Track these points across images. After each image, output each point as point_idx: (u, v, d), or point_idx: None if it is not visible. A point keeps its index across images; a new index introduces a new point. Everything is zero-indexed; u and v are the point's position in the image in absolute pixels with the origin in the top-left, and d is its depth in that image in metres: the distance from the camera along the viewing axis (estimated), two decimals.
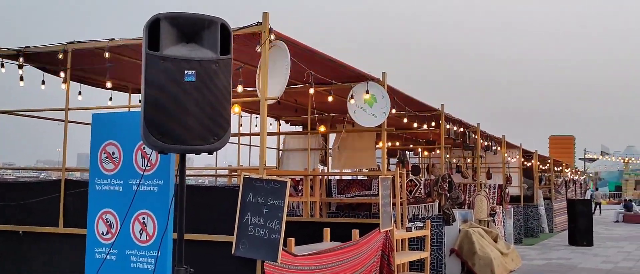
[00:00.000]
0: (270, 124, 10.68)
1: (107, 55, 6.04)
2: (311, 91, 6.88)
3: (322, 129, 9.76)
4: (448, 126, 11.38)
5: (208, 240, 5.31)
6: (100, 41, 6.16)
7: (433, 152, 15.80)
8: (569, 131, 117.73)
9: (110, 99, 8.49)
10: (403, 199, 9.41)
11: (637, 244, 17.05)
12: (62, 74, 6.62)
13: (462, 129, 12.31)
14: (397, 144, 14.67)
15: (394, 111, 9.10)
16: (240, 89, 5.77)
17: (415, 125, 10.99)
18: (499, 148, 15.52)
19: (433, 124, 11.23)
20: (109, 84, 7.06)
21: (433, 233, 9.87)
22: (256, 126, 9.97)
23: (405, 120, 10.12)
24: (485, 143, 14.33)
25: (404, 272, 9.39)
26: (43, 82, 7.17)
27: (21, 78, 6.64)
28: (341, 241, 6.79)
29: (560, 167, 27.57)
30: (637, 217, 26.38)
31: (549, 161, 23.67)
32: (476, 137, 13.17)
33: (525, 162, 19.88)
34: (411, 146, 15.39)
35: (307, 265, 5.60)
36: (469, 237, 11.00)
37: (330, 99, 7.57)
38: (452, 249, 10.95)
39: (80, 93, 7.72)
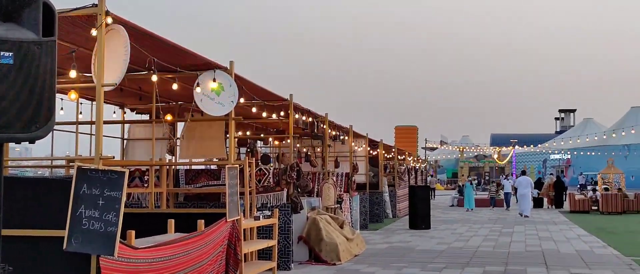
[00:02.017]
0: (114, 113, 10.18)
1: None
2: (154, 78, 6.66)
3: (168, 117, 9.48)
4: (297, 116, 11.60)
5: (37, 236, 4.94)
6: None
7: (283, 142, 16.00)
8: (413, 122, 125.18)
9: None
10: (252, 188, 9.44)
11: (468, 226, 18.57)
12: None
13: (311, 119, 12.60)
14: (248, 133, 14.68)
15: (242, 100, 9.09)
16: (74, 74, 5.42)
17: (264, 114, 11.06)
18: (346, 138, 16.10)
19: (282, 113, 11.37)
20: None
21: (281, 221, 10.02)
22: None
23: (254, 109, 10.14)
24: (334, 133, 14.81)
25: (252, 260, 9.44)
26: None
27: None
28: (188, 231, 6.67)
29: (404, 156, 29.18)
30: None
31: (394, 150, 24.97)
32: (325, 127, 13.54)
33: (371, 151, 20.81)
34: (262, 135, 15.47)
35: (148, 258, 5.42)
36: (316, 224, 11.32)
37: (175, 86, 7.38)
38: (300, 236, 11.20)
39: None
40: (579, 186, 42.67)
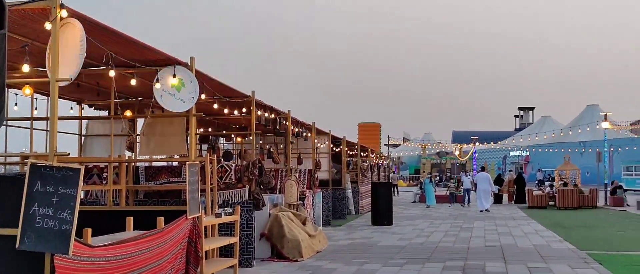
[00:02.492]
0: (71, 108, 9.97)
1: None
2: (111, 73, 6.53)
3: (128, 113, 9.33)
4: (259, 113, 11.54)
5: None
6: None
7: (246, 139, 15.92)
8: (376, 119, 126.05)
9: None
10: (213, 185, 9.37)
11: (429, 222, 18.80)
12: None
13: (273, 116, 12.56)
14: (210, 130, 14.55)
15: (203, 96, 9.00)
16: (27, 68, 5.28)
17: (226, 111, 10.97)
18: (309, 134, 16.11)
19: (244, 110, 11.29)
20: None
21: (243, 218, 9.97)
22: None
23: (215, 106, 10.05)
24: (296, 129, 14.79)
25: (214, 258, 9.37)
26: None
27: None
28: (148, 229, 6.57)
29: (367, 153, 29.36)
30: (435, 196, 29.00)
31: (356, 146, 25.10)
32: (287, 123, 13.51)
33: (334, 148, 20.88)
34: (224, 132, 15.36)
35: (105, 256, 5.33)
36: (279, 221, 11.30)
37: (133, 82, 7.25)
38: (262, 233, 11.17)
39: None
40: (537, 181, 43.57)
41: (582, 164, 35.58)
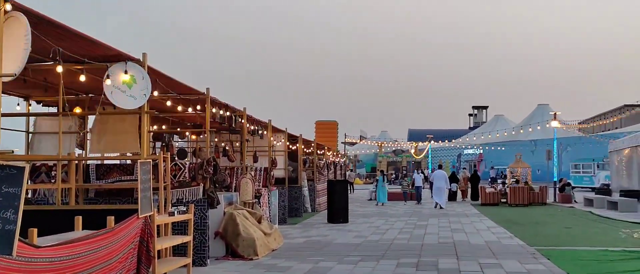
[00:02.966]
0: (18, 105, 9.66)
1: None
2: (59, 68, 6.36)
3: (77, 110, 9.11)
4: (214, 110, 11.44)
5: None
6: None
7: (201, 136, 15.75)
8: (334, 117, 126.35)
9: None
10: (167, 183, 9.23)
11: (385, 219, 18.97)
12: None
13: (228, 114, 12.46)
14: (164, 127, 14.34)
15: (156, 93, 8.87)
16: None
17: (180, 108, 10.83)
18: (265, 132, 16.04)
19: (199, 107, 11.17)
20: None
21: (197, 216, 9.86)
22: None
23: (169, 103, 9.91)
24: (252, 127, 14.71)
25: (167, 257, 9.23)
26: None
27: None
28: (98, 229, 6.43)
29: (323, 151, 29.42)
30: (389, 194, 29.25)
31: (313, 144, 25.12)
32: (243, 121, 13.42)
33: (291, 146, 20.85)
34: (178, 129, 15.16)
35: (52, 257, 5.18)
36: (234, 219, 11.23)
37: (83, 78, 7.08)
38: (216, 231, 11.07)
39: None
40: (490, 179, 44.50)
41: (533, 162, 36.45)
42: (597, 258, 10.37)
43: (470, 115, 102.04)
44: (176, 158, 11.33)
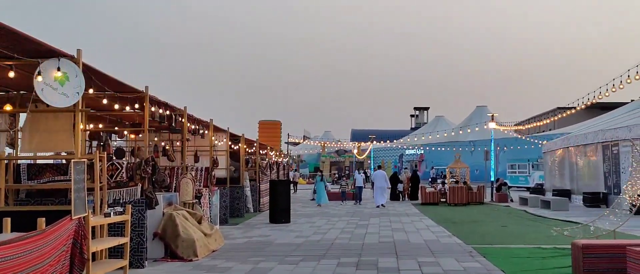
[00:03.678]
0: None
1: None
2: None
3: (7, 107, 8.75)
4: (153, 109, 11.21)
5: None
6: None
7: (140, 135, 15.41)
8: (277, 117, 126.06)
9: None
10: (103, 183, 8.99)
11: (326, 219, 19.05)
12: None
13: (168, 112, 12.23)
14: (101, 126, 13.94)
15: (91, 91, 8.62)
16: None
17: (116, 107, 10.55)
18: (206, 132, 15.84)
19: (137, 106, 10.93)
20: None
21: (135, 217, 9.65)
22: None
23: (105, 101, 9.64)
24: (193, 126, 14.49)
25: (102, 259, 9.01)
26: None
27: None
28: (29, 231, 6.18)
29: (266, 150, 29.31)
30: (329, 194, 29.40)
31: (256, 144, 24.99)
32: (183, 120, 13.21)
33: (233, 146, 20.67)
34: (116, 128, 14.77)
35: None
36: (173, 220, 11.04)
37: (12, 74, 6.80)
38: (155, 232, 10.86)
39: None
40: (430, 179, 45.36)
41: (471, 162, 37.39)
42: (530, 255, 10.72)
43: (412, 116, 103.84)
44: (114, 158, 11.03)
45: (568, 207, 22.14)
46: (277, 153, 37.20)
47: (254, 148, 24.77)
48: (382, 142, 55.15)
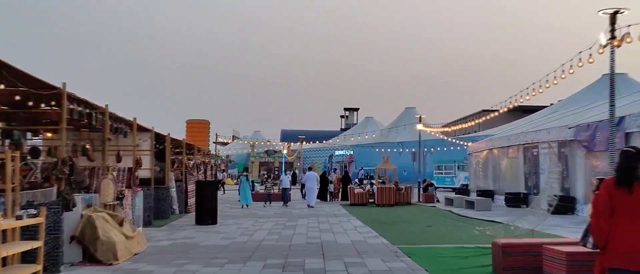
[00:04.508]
0: None
1: None
2: None
3: None
4: (72, 107, 10.71)
5: None
6: None
7: (57, 134, 14.70)
8: (205, 116, 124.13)
9: None
10: (15, 184, 8.50)
11: (254, 220, 18.84)
12: None
13: (88, 110, 11.73)
14: (14, 124, 13.20)
15: (2, 86, 8.14)
16: None
17: (30, 103, 10.01)
18: (130, 131, 15.32)
19: (54, 103, 10.40)
20: None
21: (50, 220, 9.19)
22: None
23: (17, 97, 9.12)
24: (115, 125, 13.97)
25: (14, 264, 8.52)
26: None
27: None
28: None
29: (193, 150, 28.73)
30: (257, 195, 29.15)
31: (182, 144, 24.44)
32: (105, 119, 12.71)
33: (158, 145, 20.11)
34: (31, 126, 14.03)
35: None
36: (92, 222, 10.60)
37: None
38: (72, 235, 10.39)
39: None
40: (357, 180, 45.82)
41: (400, 163, 37.99)
42: (454, 255, 10.94)
43: (342, 117, 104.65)
44: (28, 157, 10.47)
45: (491, 207, 22.84)
46: (205, 153, 36.56)
47: (181, 148, 24.22)
48: (312, 142, 55.35)
